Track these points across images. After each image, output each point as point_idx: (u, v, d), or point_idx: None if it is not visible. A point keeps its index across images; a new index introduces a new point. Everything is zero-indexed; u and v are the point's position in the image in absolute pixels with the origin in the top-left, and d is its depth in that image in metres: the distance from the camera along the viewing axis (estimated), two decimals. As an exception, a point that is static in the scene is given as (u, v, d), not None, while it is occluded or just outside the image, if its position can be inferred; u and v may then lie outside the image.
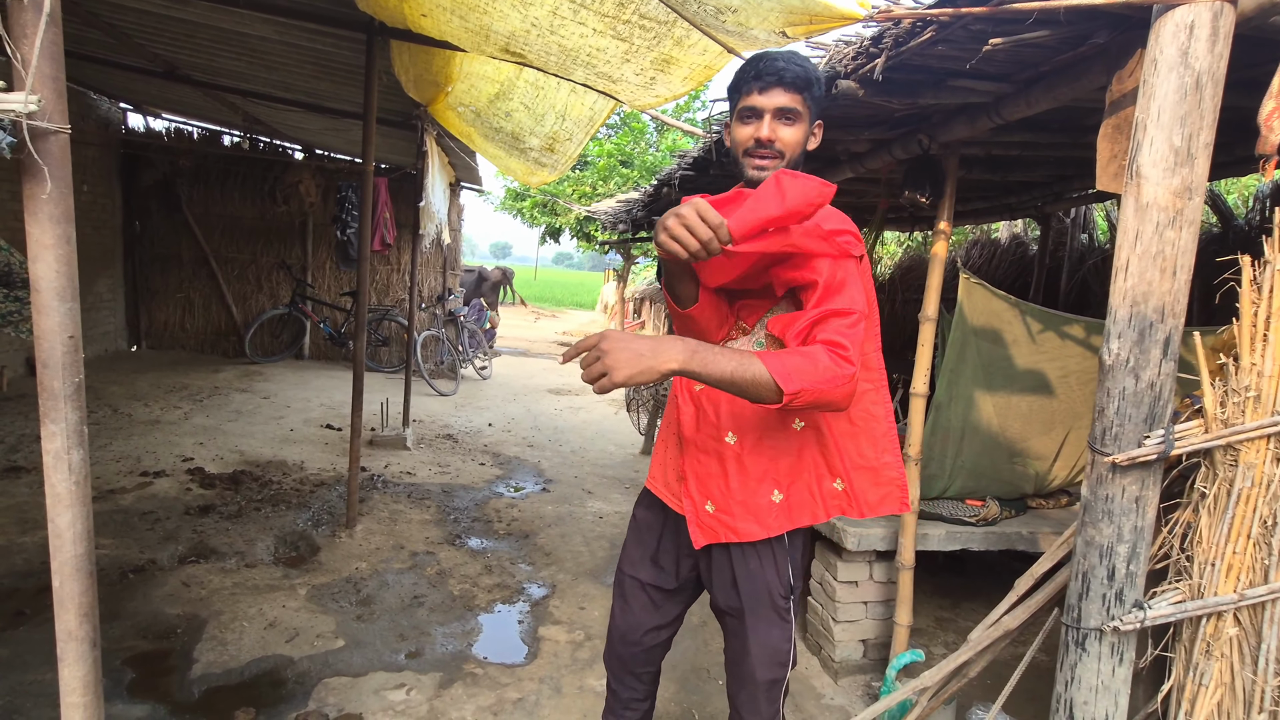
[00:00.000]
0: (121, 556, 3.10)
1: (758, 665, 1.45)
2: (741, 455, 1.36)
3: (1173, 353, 1.26)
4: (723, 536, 1.40)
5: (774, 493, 1.37)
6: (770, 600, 1.43)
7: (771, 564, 1.43)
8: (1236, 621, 1.31)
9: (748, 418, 1.36)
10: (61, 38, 0.97)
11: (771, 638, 1.44)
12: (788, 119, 1.28)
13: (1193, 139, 1.20)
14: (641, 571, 1.59)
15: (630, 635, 1.63)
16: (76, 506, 1.07)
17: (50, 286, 1.01)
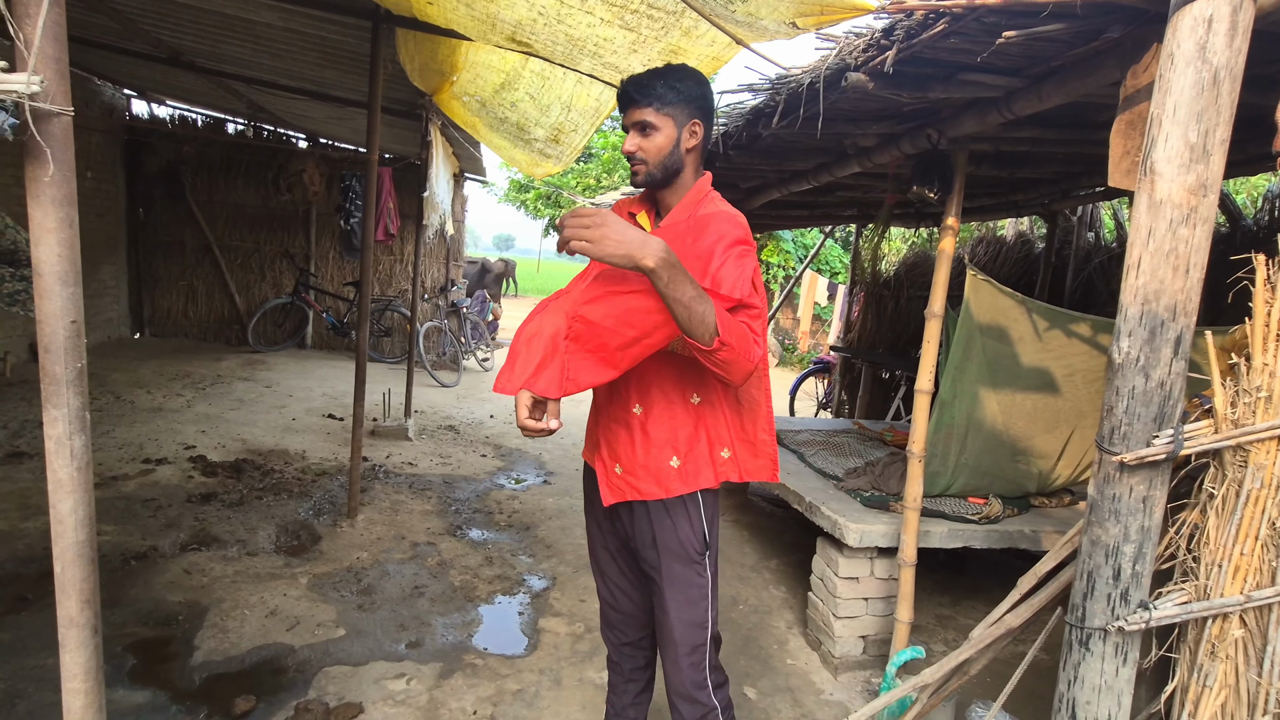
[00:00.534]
0: (123, 543, 3.10)
1: (675, 624, 1.58)
2: (646, 424, 1.52)
3: (1184, 352, 1.25)
4: (628, 495, 1.56)
5: (673, 458, 1.52)
6: (685, 554, 1.56)
7: (685, 521, 1.56)
8: (1242, 623, 1.31)
9: (652, 392, 1.52)
10: (64, 19, 0.96)
11: (689, 595, 1.57)
12: (643, 131, 1.46)
13: (1209, 135, 1.18)
14: (606, 542, 1.73)
15: (614, 603, 1.78)
16: (78, 492, 1.07)
17: (52, 270, 1.00)
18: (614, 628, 1.80)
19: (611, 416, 1.57)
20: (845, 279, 11.45)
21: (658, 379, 1.51)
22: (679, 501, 1.55)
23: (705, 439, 1.55)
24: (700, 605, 1.57)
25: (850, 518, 2.68)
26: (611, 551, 1.73)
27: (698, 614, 1.57)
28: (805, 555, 3.23)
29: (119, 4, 3.80)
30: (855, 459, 3.57)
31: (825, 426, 4.48)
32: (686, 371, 1.51)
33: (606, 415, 1.59)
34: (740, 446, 1.59)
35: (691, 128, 1.47)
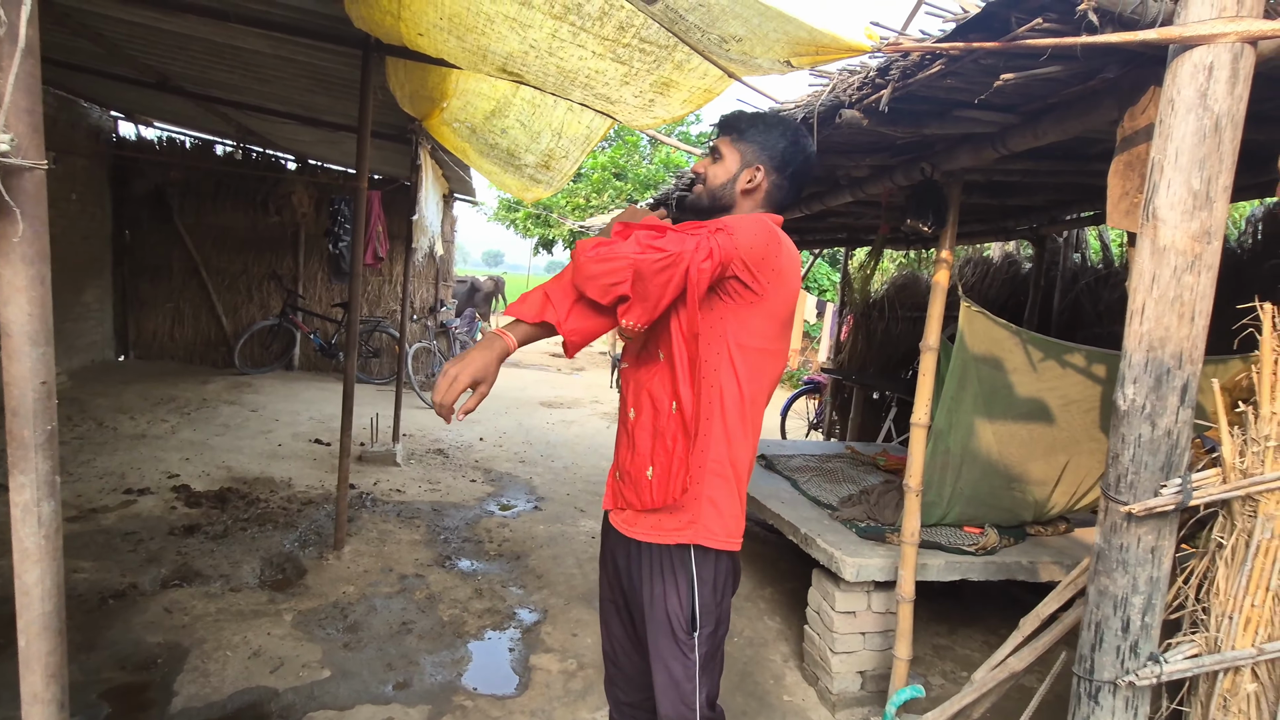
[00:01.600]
0: (101, 580, 3.01)
1: (662, 699, 1.48)
2: (635, 431, 1.49)
3: (1190, 400, 1.22)
4: (617, 502, 1.55)
5: (648, 468, 1.45)
6: (670, 630, 1.46)
7: (674, 591, 1.46)
8: (1255, 676, 1.27)
9: (642, 397, 1.48)
10: (38, 69, 0.92)
11: (673, 674, 1.46)
12: (713, 156, 1.52)
13: (1212, 182, 1.17)
14: (614, 596, 1.66)
15: (616, 661, 1.70)
16: (46, 561, 1.01)
17: (22, 331, 0.96)
18: (616, 685, 1.73)
19: (620, 421, 1.59)
20: (834, 297, 11.49)
21: (649, 384, 1.48)
22: (670, 562, 1.46)
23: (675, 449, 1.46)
24: (685, 686, 1.45)
25: (846, 550, 2.64)
26: (618, 606, 1.66)
27: (683, 694, 1.45)
28: (800, 584, 3.19)
29: (105, 30, 3.77)
30: (849, 485, 3.53)
31: (817, 450, 4.45)
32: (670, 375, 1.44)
33: (619, 421, 1.60)
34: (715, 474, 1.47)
35: (753, 171, 1.48)
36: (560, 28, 2.03)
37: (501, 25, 2.12)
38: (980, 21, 1.28)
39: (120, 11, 3.32)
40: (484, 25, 2.16)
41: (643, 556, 1.51)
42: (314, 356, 8.32)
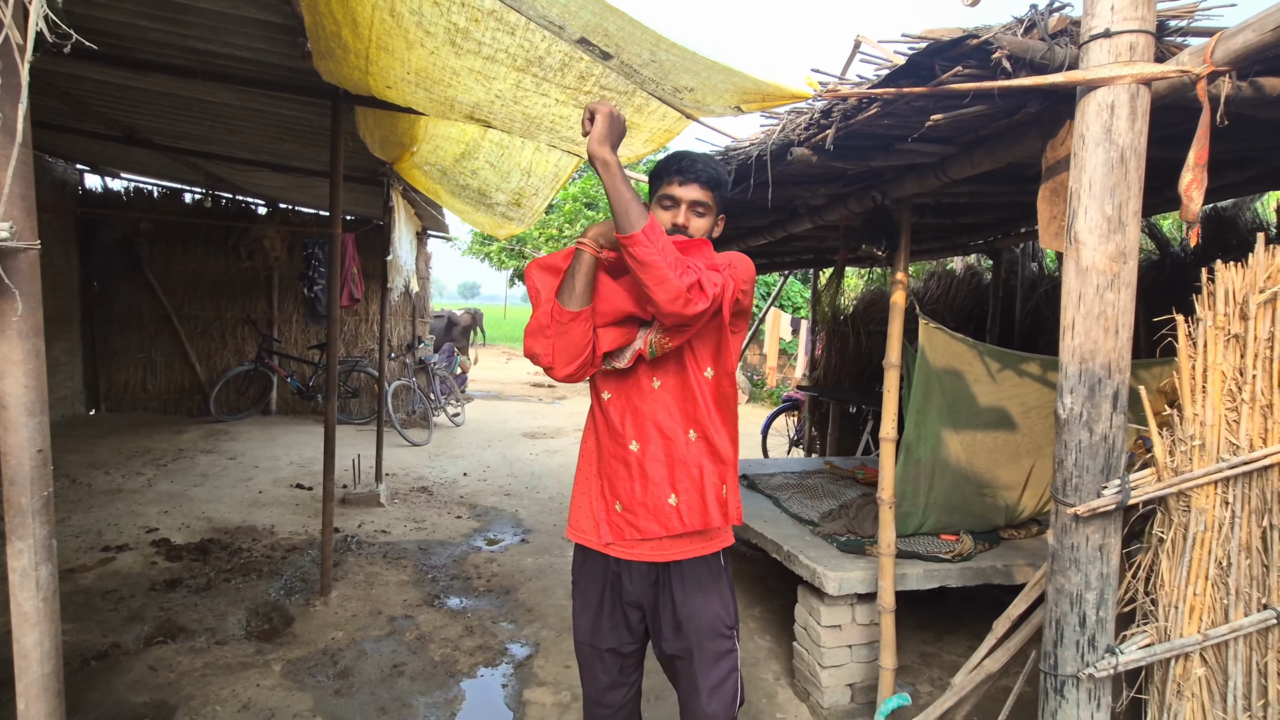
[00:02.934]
0: (83, 642, 2.96)
1: (713, 700, 1.56)
2: (643, 462, 1.52)
3: (1122, 406, 1.32)
4: (627, 534, 1.54)
5: (670, 496, 1.51)
6: (717, 633, 1.56)
7: (716, 598, 1.56)
8: (1203, 661, 1.36)
9: (648, 429, 1.52)
10: (32, 157, 0.98)
11: (722, 670, 1.56)
12: (699, 211, 1.55)
13: (1123, 208, 1.29)
14: (595, 639, 1.69)
15: (602, 699, 1.73)
16: (44, 624, 1.05)
17: (19, 402, 1.00)
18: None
19: (611, 453, 1.58)
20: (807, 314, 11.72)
21: (654, 416, 1.52)
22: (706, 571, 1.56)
23: (702, 475, 1.54)
24: (731, 679, 1.58)
25: (829, 565, 2.71)
26: (601, 651, 1.68)
27: (729, 689, 1.57)
28: (787, 601, 3.24)
29: (73, 89, 3.82)
30: (829, 500, 3.61)
31: (797, 468, 4.54)
32: (682, 406, 1.52)
33: (607, 452, 1.59)
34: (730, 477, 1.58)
35: (720, 221, 1.61)
36: (523, 79, 2.13)
37: (467, 78, 2.21)
38: (909, 69, 1.40)
39: (89, 71, 3.37)
40: (450, 78, 2.25)
41: (673, 576, 1.57)
42: (292, 399, 8.26)
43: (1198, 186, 1.22)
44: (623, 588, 1.62)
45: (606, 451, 1.59)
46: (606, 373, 1.57)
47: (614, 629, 1.66)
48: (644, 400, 1.52)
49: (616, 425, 1.56)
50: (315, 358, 8.10)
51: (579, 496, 1.67)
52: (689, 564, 1.57)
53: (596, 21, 1.54)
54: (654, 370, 1.52)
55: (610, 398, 1.58)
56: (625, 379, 1.55)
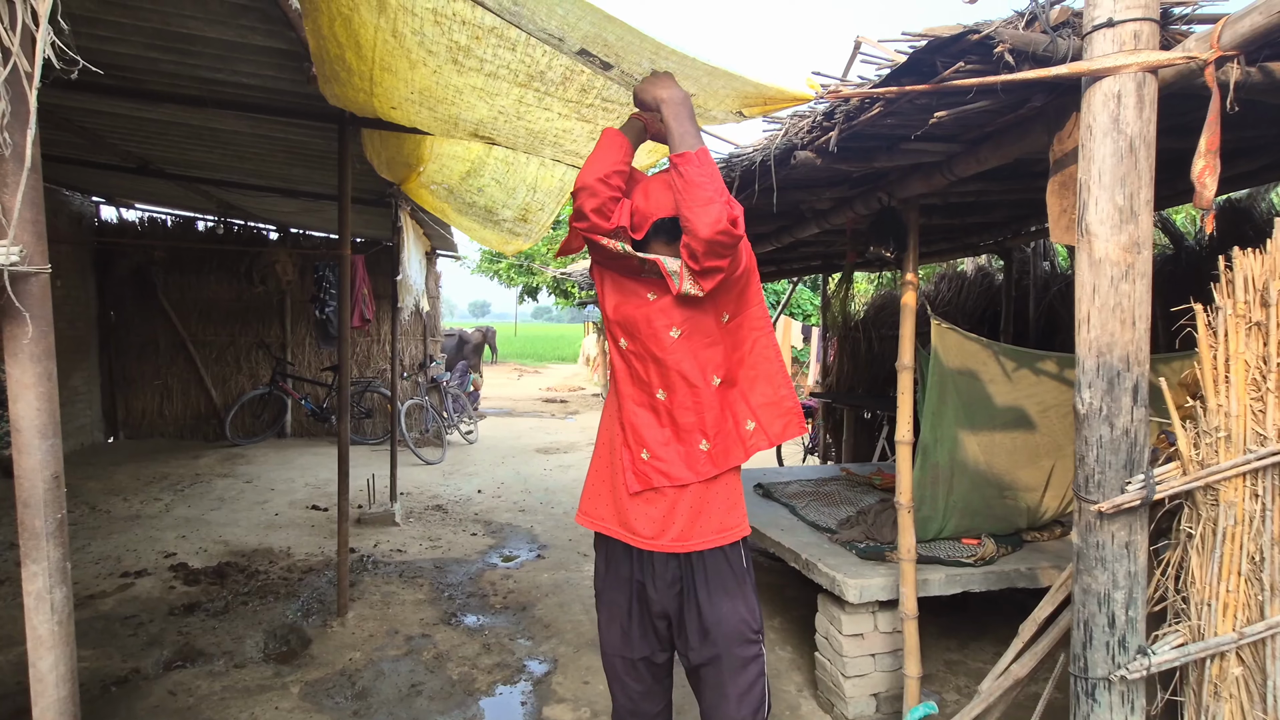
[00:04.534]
0: (102, 668, 2.97)
1: (742, 705, 1.56)
2: (672, 409, 1.56)
3: (1143, 399, 1.30)
4: (655, 481, 1.55)
5: (701, 441, 1.55)
6: (743, 640, 1.55)
7: (742, 602, 1.56)
8: (1240, 660, 1.32)
9: (673, 378, 1.54)
10: (40, 183, 1.00)
11: (748, 677, 1.56)
12: None
13: (1134, 197, 1.27)
14: (626, 650, 1.68)
15: (638, 709, 1.71)
16: (60, 648, 1.04)
17: (32, 425, 1.01)
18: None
19: (636, 401, 1.60)
20: (818, 321, 11.67)
21: (678, 366, 1.54)
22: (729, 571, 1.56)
23: (731, 418, 1.58)
24: (759, 685, 1.58)
25: (848, 573, 2.66)
26: (634, 659, 1.67)
27: (756, 694, 1.57)
28: (807, 611, 3.19)
29: (86, 122, 3.90)
30: (847, 507, 3.57)
31: (814, 475, 4.49)
32: (704, 354, 1.54)
33: (631, 400, 1.60)
34: (764, 412, 1.60)
35: None
36: (526, 94, 2.14)
37: (470, 95, 2.23)
38: (910, 67, 1.39)
39: (102, 105, 3.44)
40: (453, 96, 2.28)
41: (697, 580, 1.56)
42: (306, 422, 8.31)
43: (1211, 173, 1.20)
44: (648, 598, 1.61)
45: (632, 400, 1.60)
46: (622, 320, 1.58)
47: (644, 638, 1.65)
48: (665, 351, 1.54)
49: (641, 374, 1.59)
50: (328, 379, 8.15)
51: (593, 478, 1.67)
52: (711, 563, 1.56)
53: (595, 32, 1.55)
54: (670, 321, 1.53)
55: (629, 347, 1.60)
56: (642, 329, 1.56)
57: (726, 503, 1.58)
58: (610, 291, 1.62)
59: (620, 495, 1.60)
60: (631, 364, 1.59)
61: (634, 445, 1.58)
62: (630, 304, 1.58)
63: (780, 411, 1.60)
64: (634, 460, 1.58)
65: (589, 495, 1.68)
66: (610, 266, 1.61)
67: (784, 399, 1.60)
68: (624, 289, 1.60)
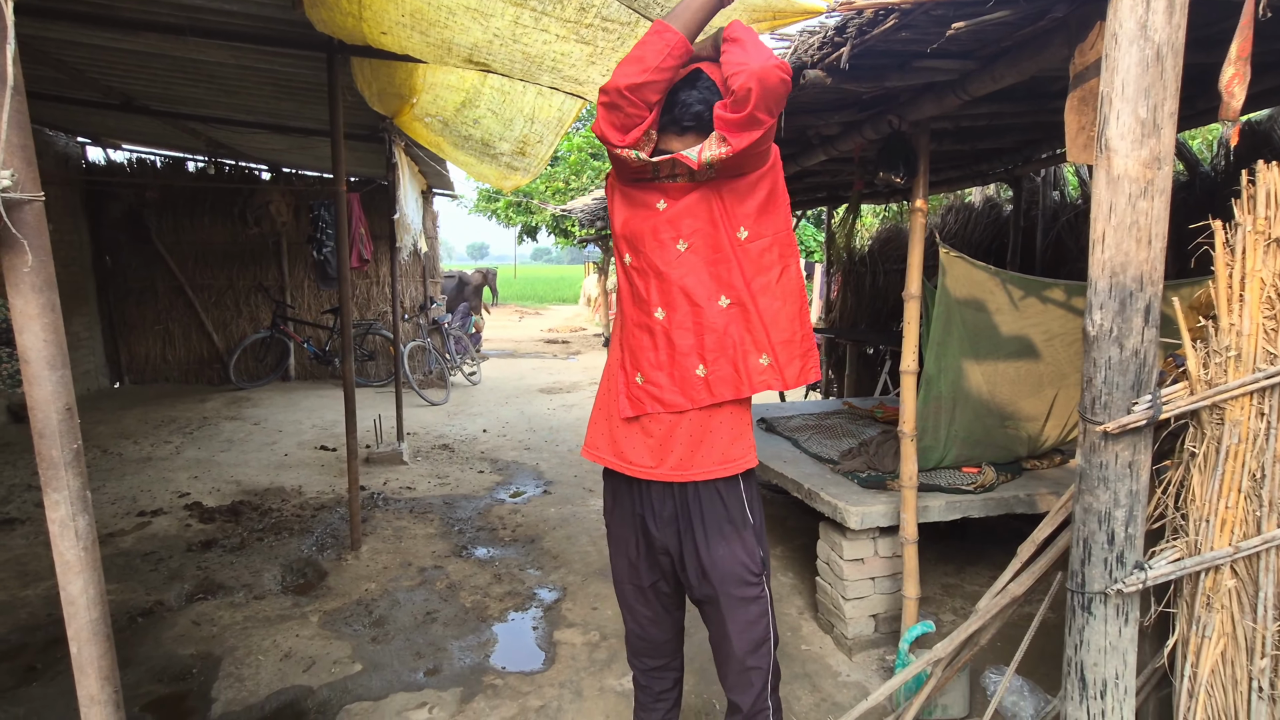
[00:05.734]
0: (128, 600, 3.08)
1: (737, 646, 1.55)
2: (670, 330, 1.46)
3: (1154, 320, 1.29)
4: (647, 406, 1.49)
5: (699, 367, 1.45)
6: (741, 581, 1.52)
7: (740, 546, 1.51)
8: (1234, 573, 1.36)
9: (674, 295, 1.45)
10: (25, 105, 0.96)
11: (749, 615, 1.53)
12: None
13: (1158, 110, 1.22)
14: (635, 578, 1.68)
15: (645, 635, 1.74)
16: (87, 572, 1.07)
17: (40, 356, 1.00)
18: (641, 656, 1.78)
19: (635, 322, 1.51)
20: (821, 258, 11.53)
21: (681, 281, 1.44)
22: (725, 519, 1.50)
23: (735, 345, 1.45)
24: (761, 623, 1.55)
25: (850, 501, 2.72)
26: (642, 586, 1.68)
27: (759, 632, 1.55)
28: (808, 539, 3.28)
29: (65, 55, 3.75)
30: (849, 440, 3.61)
31: (816, 409, 4.53)
32: (712, 270, 1.43)
33: (631, 322, 1.52)
34: (782, 350, 1.47)
35: None
36: (522, 14, 2.05)
37: (463, 17, 2.13)
38: (928, -27, 1.32)
39: (78, 35, 3.30)
40: (446, 19, 2.17)
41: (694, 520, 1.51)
42: (309, 365, 8.35)
43: (1240, 81, 1.15)
44: (650, 533, 1.59)
45: (630, 321, 1.51)
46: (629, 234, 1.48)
47: (650, 570, 1.65)
48: (669, 264, 1.43)
49: (642, 292, 1.48)
50: (329, 322, 8.14)
51: (597, 411, 1.62)
52: (709, 506, 1.51)
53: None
54: (678, 232, 1.42)
55: (632, 262, 1.50)
56: (648, 242, 1.46)
57: (731, 433, 1.51)
58: (620, 206, 1.52)
59: (615, 424, 1.55)
60: (634, 282, 1.50)
61: (629, 369, 1.51)
62: (638, 216, 1.48)
63: (800, 352, 1.48)
64: (628, 384, 1.51)
65: (591, 427, 1.63)
66: (624, 178, 1.50)
67: (805, 338, 1.48)
68: (633, 201, 1.50)
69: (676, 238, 1.44)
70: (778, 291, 1.45)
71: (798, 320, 1.47)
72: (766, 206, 1.43)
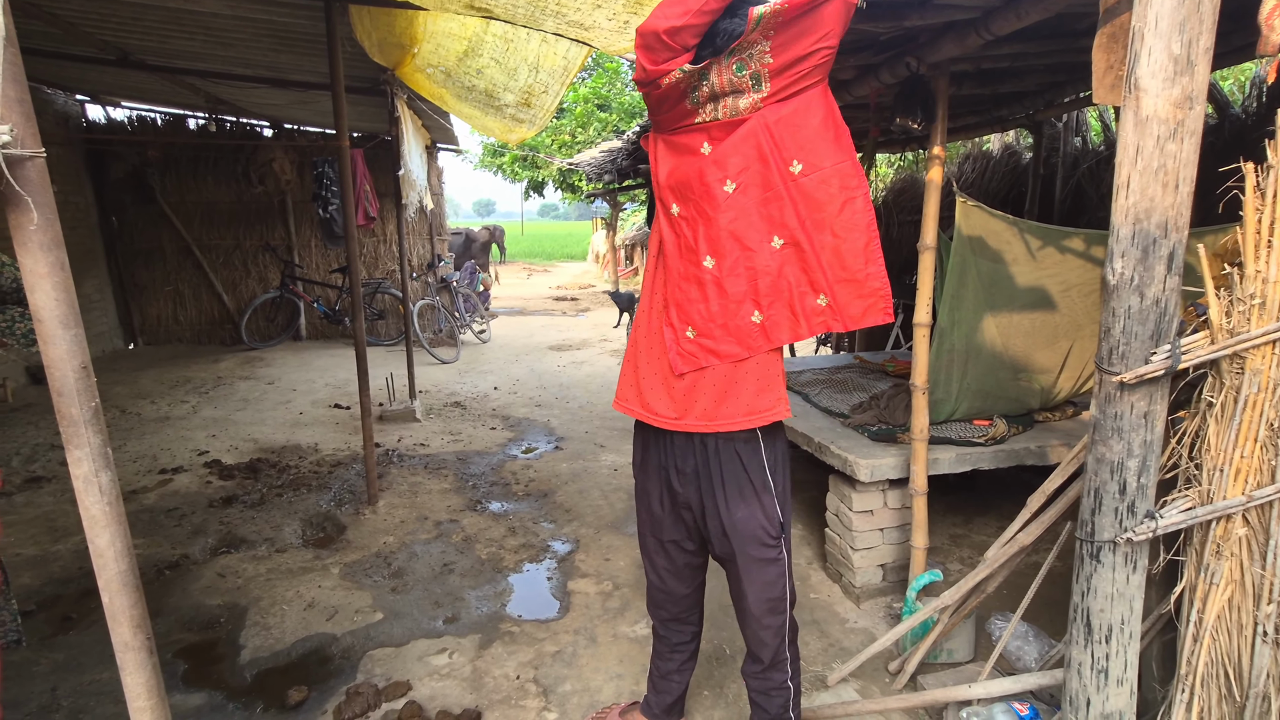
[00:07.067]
0: (155, 554, 3.17)
1: (754, 605, 1.57)
2: (720, 278, 1.41)
3: (1177, 267, 1.26)
4: (701, 360, 1.45)
5: (754, 313, 1.40)
6: (760, 543, 1.52)
7: (759, 509, 1.50)
8: (1245, 522, 1.36)
9: (724, 241, 1.40)
10: (20, 58, 0.94)
11: (766, 576, 1.54)
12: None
13: (1192, 45, 1.17)
14: (658, 532, 1.69)
15: (665, 587, 1.76)
16: (113, 526, 1.10)
17: (53, 315, 1.01)
18: (661, 607, 1.81)
19: (681, 274, 1.45)
20: (833, 210, 11.32)
21: (730, 225, 1.38)
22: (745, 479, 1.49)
23: (790, 287, 1.39)
24: (779, 583, 1.55)
25: (860, 454, 2.73)
26: (664, 540, 1.69)
27: (777, 592, 1.56)
28: (818, 492, 3.31)
29: (57, 8, 3.66)
30: (859, 394, 3.61)
31: (827, 364, 4.52)
32: (763, 210, 1.38)
33: (675, 273, 1.47)
34: (841, 289, 1.38)
35: None
36: (524, -45, 1.96)
37: (463, -41, 2.05)
38: (952, -100, 1.25)
39: (70, -13, 3.22)
40: (445, -39, 2.09)
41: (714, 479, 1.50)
42: (320, 324, 8.38)
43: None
44: (674, 489, 1.60)
45: (678, 275, 1.46)
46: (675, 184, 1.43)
47: (675, 525, 1.66)
48: (717, 209, 1.38)
49: (690, 241, 1.42)
50: (338, 281, 8.14)
51: (626, 364, 1.60)
52: (728, 466, 1.49)
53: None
54: (724, 173, 1.37)
55: (680, 211, 1.45)
56: (695, 188, 1.40)
57: (759, 383, 1.45)
58: (663, 157, 1.47)
59: (642, 375, 1.54)
60: (680, 232, 1.44)
61: (679, 323, 1.45)
62: (684, 163, 1.42)
63: (863, 292, 1.36)
64: (678, 340, 1.45)
65: (620, 380, 1.62)
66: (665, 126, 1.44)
67: (871, 277, 1.36)
68: (676, 149, 1.44)
69: (724, 179, 1.37)
70: (837, 227, 1.35)
71: (861, 257, 1.36)
72: (822, 134, 1.32)
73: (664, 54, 1.31)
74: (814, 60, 1.27)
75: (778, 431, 1.54)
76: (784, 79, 1.30)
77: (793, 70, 1.28)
